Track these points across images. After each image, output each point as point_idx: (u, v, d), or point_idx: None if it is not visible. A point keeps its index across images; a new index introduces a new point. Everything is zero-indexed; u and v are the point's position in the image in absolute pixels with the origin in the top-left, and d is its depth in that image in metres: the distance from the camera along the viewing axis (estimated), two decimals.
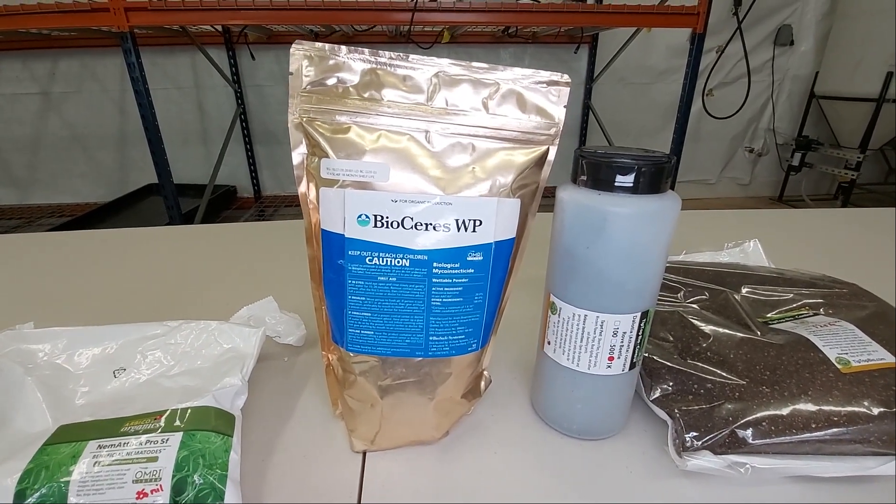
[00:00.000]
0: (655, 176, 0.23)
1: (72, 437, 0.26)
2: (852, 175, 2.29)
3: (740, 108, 2.36)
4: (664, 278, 0.38)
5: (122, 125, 2.27)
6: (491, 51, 2.31)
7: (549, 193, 0.25)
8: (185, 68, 2.21)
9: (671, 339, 0.32)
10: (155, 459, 0.24)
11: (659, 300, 0.36)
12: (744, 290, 0.37)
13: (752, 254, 0.47)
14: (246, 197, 2.48)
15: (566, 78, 0.24)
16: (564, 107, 0.25)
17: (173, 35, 1.93)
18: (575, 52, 2.36)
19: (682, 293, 0.37)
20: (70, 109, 2.22)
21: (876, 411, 0.26)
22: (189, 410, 0.27)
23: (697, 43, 1.57)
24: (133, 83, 1.41)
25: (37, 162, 2.30)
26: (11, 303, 0.48)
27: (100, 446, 0.25)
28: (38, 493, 0.23)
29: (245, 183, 2.46)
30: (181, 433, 0.25)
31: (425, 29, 1.95)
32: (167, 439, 0.25)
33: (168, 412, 0.26)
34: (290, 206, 2.37)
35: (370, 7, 1.41)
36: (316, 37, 2.11)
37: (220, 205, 2.30)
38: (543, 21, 1.56)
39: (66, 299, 0.48)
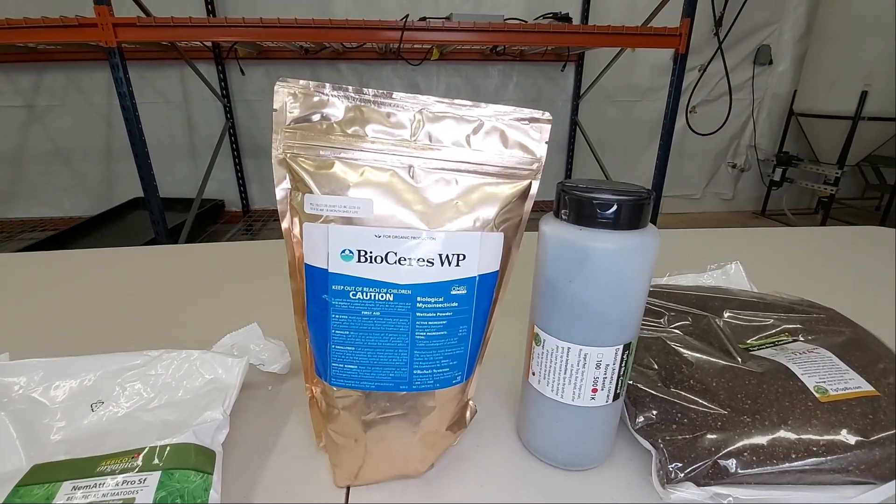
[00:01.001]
0: (635, 212, 0.24)
1: (45, 477, 0.25)
2: (831, 190, 2.35)
3: (722, 125, 2.42)
4: (648, 303, 0.38)
5: (108, 139, 2.25)
6: (480, 68, 2.35)
7: (538, 209, 0.25)
8: (174, 82, 2.20)
9: (655, 366, 0.32)
10: (132, 501, 0.23)
11: (643, 325, 0.37)
12: (726, 315, 0.38)
13: (734, 276, 0.48)
14: (234, 211, 2.46)
15: (547, 115, 0.25)
16: (546, 143, 0.25)
17: (162, 49, 1.93)
18: (562, 70, 2.41)
19: (665, 318, 0.38)
20: (54, 123, 2.19)
21: (853, 440, 0.26)
22: (168, 448, 0.26)
23: (680, 62, 1.61)
24: (120, 98, 1.41)
25: (18, 175, 2.26)
26: None
27: (74, 487, 0.24)
28: None
29: (233, 197, 2.44)
30: (159, 472, 0.25)
31: (415, 46, 1.97)
32: (144, 479, 0.24)
33: (146, 450, 0.26)
34: (278, 220, 2.35)
35: (360, 25, 1.43)
36: (306, 52, 2.13)
37: (208, 219, 2.27)
38: (530, 40, 1.60)
39: (42, 324, 0.47)
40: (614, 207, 0.23)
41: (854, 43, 2.12)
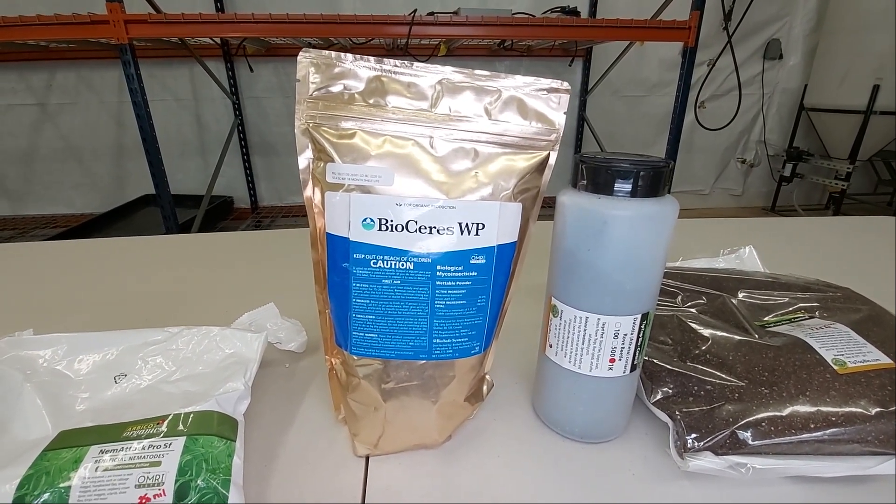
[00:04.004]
0: (654, 180, 0.24)
1: (73, 442, 0.25)
2: (842, 185, 2.32)
3: (732, 120, 2.40)
4: (663, 283, 0.38)
5: (119, 136, 2.27)
6: (487, 63, 2.34)
7: (549, 203, 0.25)
8: (184, 80, 2.22)
9: (670, 342, 0.32)
10: (158, 464, 0.24)
11: (658, 305, 0.37)
12: (740, 295, 0.38)
13: (747, 260, 0.48)
14: (243, 208, 2.48)
15: (566, 85, 0.25)
16: (564, 113, 0.25)
17: (172, 47, 1.94)
18: (570, 65, 2.40)
19: (680, 297, 0.38)
20: (66, 121, 2.22)
21: (873, 411, 0.26)
22: (192, 415, 0.27)
23: (689, 56, 1.60)
24: (131, 94, 1.42)
25: (31, 173, 2.30)
26: (10, 311, 0.47)
27: (102, 451, 0.25)
28: (38, 500, 0.23)
29: (242, 194, 2.46)
30: (184, 437, 0.25)
31: (422, 42, 1.98)
32: (170, 444, 0.25)
33: (171, 417, 0.26)
34: (287, 216, 2.37)
35: (368, 21, 1.43)
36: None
37: (217, 215, 2.29)
38: (538, 35, 1.59)
39: (65, 308, 0.48)
40: (633, 175, 0.24)
41: (865, 36, 2.09)
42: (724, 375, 0.29)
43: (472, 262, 0.25)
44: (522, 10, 1.86)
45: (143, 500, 0.23)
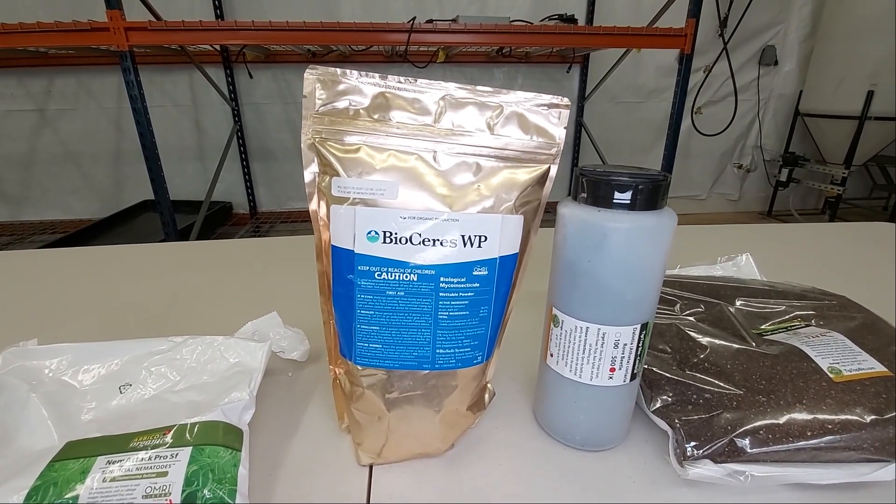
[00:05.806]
0: (652, 193, 0.24)
1: (80, 452, 0.26)
2: (838, 190, 2.34)
3: (728, 126, 2.42)
4: (661, 292, 0.39)
5: (118, 142, 2.28)
6: (485, 70, 2.36)
7: (549, 209, 0.26)
8: (183, 86, 2.23)
9: (669, 350, 0.33)
10: (165, 474, 0.24)
11: (656, 313, 0.37)
12: (738, 303, 0.38)
13: (744, 267, 0.49)
14: (242, 213, 2.48)
15: (566, 101, 0.26)
16: (565, 128, 0.26)
17: (172, 54, 1.95)
18: (567, 72, 2.42)
19: (678, 306, 0.38)
20: (65, 126, 2.22)
21: (868, 419, 0.26)
22: (197, 425, 0.27)
23: (685, 63, 1.62)
24: (131, 101, 1.43)
25: (29, 178, 2.30)
26: (11, 319, 0.48)
27: (109, 461, 0.25)
28: None
29: (241, 199, 2.46)
30: (190, 448, 0.25)
31: (421, 49, 1.99)
32: (176, 454, 0.25)
33: (176, 427, 0.27)
34: (285, 222, 2.37)
35: (367, 28, 1.45)
36: (313, 56, 2.15)
37: (216, 221, 2.29)
38: (536, 42, 1.61)
39: (67, 316, 0.48)
40: (632, 188, 0.24)
41: (860, 42, 2.12)
42: (722, 384, 0.29)
43: (474, 273, 0.25)
44: (520, 17, 1.88)
45: None
